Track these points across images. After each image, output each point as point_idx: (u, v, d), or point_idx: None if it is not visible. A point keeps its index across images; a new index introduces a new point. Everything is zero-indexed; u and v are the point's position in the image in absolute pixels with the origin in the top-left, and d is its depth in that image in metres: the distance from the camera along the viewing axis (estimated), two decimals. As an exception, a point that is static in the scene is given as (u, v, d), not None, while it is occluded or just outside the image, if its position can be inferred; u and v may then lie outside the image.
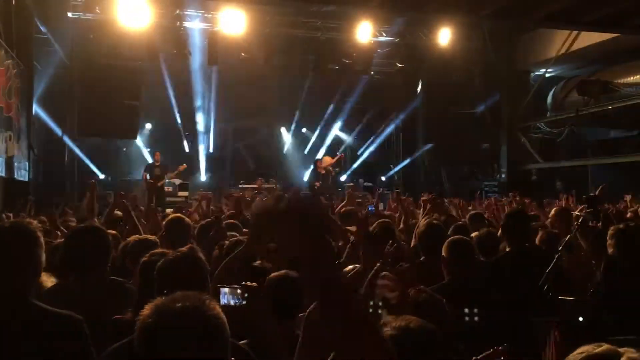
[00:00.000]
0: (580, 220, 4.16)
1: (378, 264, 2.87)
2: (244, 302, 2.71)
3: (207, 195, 8.51)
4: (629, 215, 6.71)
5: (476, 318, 2.84)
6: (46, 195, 14.56)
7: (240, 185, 17.01)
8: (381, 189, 16.95)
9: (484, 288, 3.56)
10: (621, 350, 1.78)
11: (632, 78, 13.27)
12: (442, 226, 4.48)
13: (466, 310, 2.82)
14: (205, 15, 13.54)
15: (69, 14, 13.02)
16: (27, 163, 11.58)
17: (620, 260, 3.81)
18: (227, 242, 4.03)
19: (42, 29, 13.25)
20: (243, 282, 2.83)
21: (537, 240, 4.55)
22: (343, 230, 4.85)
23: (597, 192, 5.38)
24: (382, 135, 20.31)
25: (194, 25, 13.68)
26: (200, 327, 1.43)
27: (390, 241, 3.71)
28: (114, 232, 4.23)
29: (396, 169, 19.56)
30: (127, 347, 1.87)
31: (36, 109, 13.44)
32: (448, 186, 17.62)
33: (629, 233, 3.82)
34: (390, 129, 20.33)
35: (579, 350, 1.76)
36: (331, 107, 19.53)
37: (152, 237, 3.64)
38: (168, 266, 2.46)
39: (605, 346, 1.77)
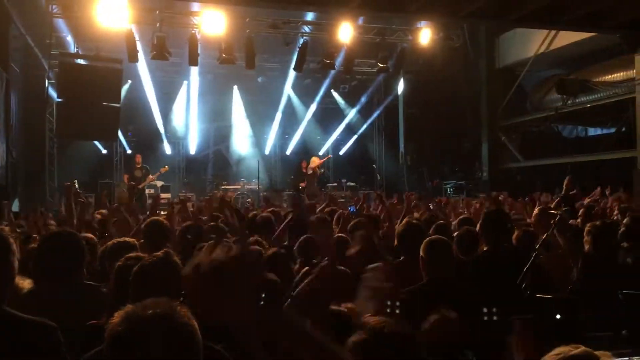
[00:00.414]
0: (557, 219, 4.20)
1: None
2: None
3: (187, 198, 8.45)
4: (615, 213, 6.79)
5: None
6: (26, 198, 14.44)
7: (222, 187, 16.95)
8: (364, 189, 17.08)
9: (462, 288, 3.58)
10: (597, 353, 1.80)
11: (609, 77, 13.44)
12: (422, 226, 4.49)
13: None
14: (185, 16, 13.46)
15: (48, 15, 12.84)
16: (5, 167, 11.40)
17: (596, 257, 3.86)
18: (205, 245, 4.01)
19: (20, 30, 13.09)
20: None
21: (514, 239, 4.59)
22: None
23: (564, 186, 5.45)
24: (364, 135, 20.40)
25: (174, 26, 13.58)
26: (170, 334, 1.41)
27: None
28: (90, 235, 4.19)
29: (378, 168, 19.64)
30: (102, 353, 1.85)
31: (14, 111, 13.26)
32: (430, 185, 17.71)
33: (604, 230, 3.87)
34: (372, 128, 20.42)
35: (556, 351, 1.78)
36: (313, 107, 19.56)
37: (131, 240, 3.60)
38: (143, 271, 2.44)
39: (582, 348, 1.80)
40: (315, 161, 16.22)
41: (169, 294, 1.54)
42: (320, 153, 20.68)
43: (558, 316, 3.68)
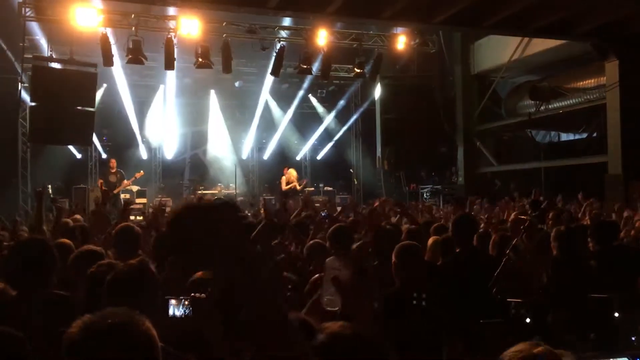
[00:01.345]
0: (526, 224, 4.28)
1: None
2: (191, 314, 2.69)
3: (163, 203, 8.39)
4: (586, 218, 6.93)
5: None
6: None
7: (199, 192, 16.86)
8: (341, 194, 17.13)
9: (433, 292, 3.62)
10: (558, 352, 1.84)
11: (581, 83, 13.70)
12: (395, 231, 4.55)
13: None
14: (161, 20, 13.39)
15: (20, 18, 12.67)
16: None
17: (563, 261, 3.95)
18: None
19: (-9, 33, 12.92)
20: (192, 294, 2.81)
21: (491, 244, 4.66)
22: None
23: (533, 197, 5.56)
24: (342, 140, 20.48)
25: (150, 30, 13.50)
26: (128, 344, 1.42)
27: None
28: (66, 241, 4.14)
29: (355, 173, 19.73)
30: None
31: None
32: (407, 190, 17.84)
33: (569, 234, 3.95)
34: (349, 133, 20.52)
35: (517, 347, 1.82)
36: (290, 111, 19.59)
37: (98, 248, 3.57)
38: (118, 278, 2.43)
39: (543, 347, 1.84)
40: (291, 174, 16.05)
41: (143, 303, 1.55)
42: (298, 158, 20.74)
43: (527, 320, 3.76)
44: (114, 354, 1.40)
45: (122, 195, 14.52)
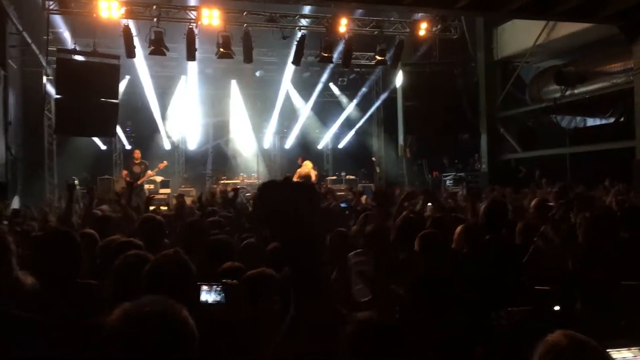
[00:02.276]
0: (554, 211, 4.22)
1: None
2: (223, 300, 2.72)
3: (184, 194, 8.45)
4: (613, 204, 6.79)
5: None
6: (26, 195, 14.47)
7: (221, 181, 16.98)
8: (363, 182, 17.10)
9: (458, 280, 3.60)
10: (582, 337, 1.82)
11: (607, 66, 13.41)
12: (419, 219, 4.52)
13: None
14: (182, 11, 13.44)
15: (44, 12, 12.81)
16: (4, 164, 11.41)
17: (589, 248, 3.88)
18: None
19: (17, 27, 13.07)
20: (223, 280, 2.84)
21: (516, 232, 4.61)
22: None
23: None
24: (363, 128, 20.41)
25: (171, 21, 13.57)
26: (166, 332, 1.45)
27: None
28: (90, 231, 4.20)
29: (377, 161, 19.66)
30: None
31: (12, 108, 13.26)
32: (429, 178, 17.73)
33: (595, 221, 3.88)
34: (371, 121, 20.44)
35: (553, 337, 1.80)
36: (311, 100, 19.57)
37: (127, 238, 3.61)
38: (156, 269, 2.46)
39: (580, 337, 1.81)
40: (308, 169, 15.99)
41: (180, 292, 1.57)
42: (319, 147, 20.73)
43: (556, 308, 3.71)
44: (153, 341, 1.43)
45: (146, 186, 14.68)
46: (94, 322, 1.51)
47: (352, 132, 20.58)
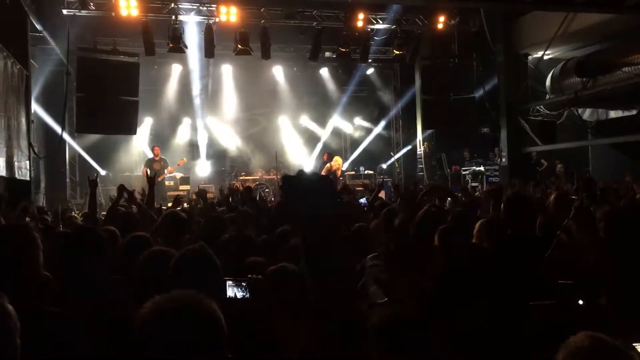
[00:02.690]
0: (577, 204, 4.17)
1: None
2: (249, 295, 2.73)
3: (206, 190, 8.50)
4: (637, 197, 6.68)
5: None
6: (50, 193, 14.69)
7: (240, 177, 17.05)
8: (382, 177, 17.06)
9: (480, 275, 3.57)
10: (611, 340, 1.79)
11: (630, 58, 13.19)
12: (439, 213, 4.49)
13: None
14: (200, 8, 13.51)
15: (64, 11, 12.96)
16: (27, 162, 11.57)
17: (611, 242, 3.83)
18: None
19: (38, 26, 13.23)
20: (249, 275, 2.85)
21: (537, 225, 4.56)
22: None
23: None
24: (382, 123, 20.33)
25: (189, 18, 13.65)
26: (196, 325, 1.46)
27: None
28: (112, 228, 4.25)
29: (396, 156, 19.59)
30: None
31: (35, 107, 13.44)
32: (449, 172, 17.62)
33: (616, 215, 3.83)
34: (389, 116, 20.35)
35: (577, 339, 1.77)
36: (330, 96, 19.54)
37: (143, 234, 3.65)
38: (182, 262, 2.49)
39: (605, 339, 1.79)
40: (338, 165, 16.26)
41: (207, 286, 1.58)
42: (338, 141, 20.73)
43: (580, 302, 3.67)
44: (183, 334, 1.44)
45: (166, 183, 14.81)
46: (122, 316, 1.53)
47: (371, 126, 20.51)
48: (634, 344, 2.10)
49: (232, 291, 2.83)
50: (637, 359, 1.74)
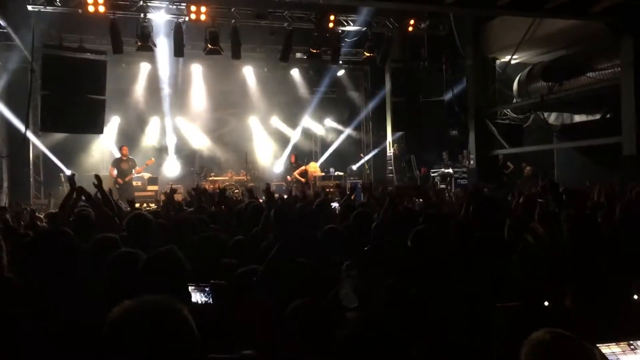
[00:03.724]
0: (541, 206, 4.24)
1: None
2: (211, 301, 2.70)
3: (174, 190, 8.39)
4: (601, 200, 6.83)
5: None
6: (12, 193, 14.34)
7: (210, 178, 16.92)
8: (352, 179, 17.12)
9: (451, 277, 3.60)
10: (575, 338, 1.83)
11: (594, 63, 13.50)
12: (411, 215, 4.52)
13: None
14: (170, 6, 13.35)
15: (29, 7, 12.65)
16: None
17: (576, 243, 3.90)
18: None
19: (1, 22, 12.92)
20: (212, 281, 2.82)
21: (505, 227, 4.62)
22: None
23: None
24: (352, 125, 20.41)
25: (158, 16, 13.47)
26: (167, 330, 1.45)
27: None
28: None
29: (366, 157, 19.69)
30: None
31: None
32: (418, 174, 17.77)
33: (580, 217, 3.91)
34: (359, 118, 20.43)
35: (537, 335, 1.82)
36: (300, 97, 19.52)
37: (113, 235, 3.58)
38: (150, 265, 2.44)
39: (563, 334, 1.83)
40: (314, 170, 16.29)
41: (175, 289, 1.56)
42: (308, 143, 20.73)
43: (546, 303, 3.73)
44: (153, 339, 1.43)
45: (134, 183, 14.60)
46: (91, 319, 1.50)
47: (341, 128, 20.56)
48: (597, 345, 2.15)
49: (195, 297, 2.79)
50: (598, 356, 1.78)
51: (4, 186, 14.10)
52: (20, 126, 13.55)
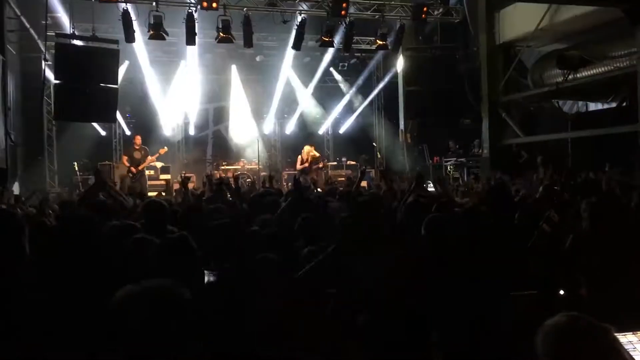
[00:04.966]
0: (560, 196, 4.20)
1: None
2: (224, 285, 2.71)
3: (188, 178, 8.42)
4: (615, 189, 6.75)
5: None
6: (27, 181, 14.46)
7: (222, 167, 16.96)
8: (364, 167, 17.08)
9: (464, 263, 3.57)
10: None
11: (610, 51, 13.32)
12: (426, 204, 4.49)
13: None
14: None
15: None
16: (4, 150, 11.37)
17: (593, 233, 3.86)
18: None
19: (15, 11, 12.97)
20: (225, 265, 2.82)
21: (521, 216, 4.58)
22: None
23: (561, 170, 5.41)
24: (364, 113, 20.33)
25: (170, 5, 13.46)
26: (169, 312, 1.51)
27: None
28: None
29: (378, 146, 19.63)
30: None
31: (11, 94, 13.19)
32: (430, 163, 17.70)
33: (600, 206, 3.86)
34: (371, 106, 20.35)
35: (556, 319, 1.80)
36: (312, 85, 19.46)
37: (133, 222, 3.60)
38: (162, 251, 2.46)
39: (583, 318, 1.81)
40: (309, 151, 16.01)
41: (185, 276, 1.58)
42: (320, 132, 20.68)
43: (561, 292, 3.70)
44: (156, 321, 1.49)
45: (146, 172, 14.67)
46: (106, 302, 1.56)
47: (353, 117, 20.49)
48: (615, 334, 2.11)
49: (208, 281, 2.81)
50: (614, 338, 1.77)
51: (18, 175, 14.22)
52: (35, 114, 13.64)
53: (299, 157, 15.85)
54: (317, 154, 16.11)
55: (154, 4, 12.95)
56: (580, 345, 1.72)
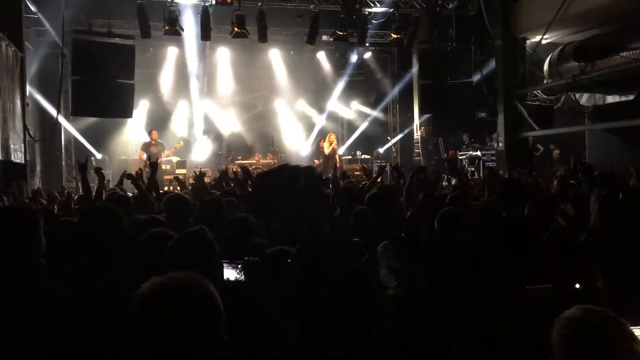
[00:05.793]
0: (575, 189, 4.18)
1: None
2: (244, 278, 2.73)
3: (203, 173, 8.47)
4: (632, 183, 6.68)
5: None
6: (45, 176, 14.64)
7: (237, 161, 17.02)
8: (379, 162, 17.06)
9: (479, 258, 3.59)
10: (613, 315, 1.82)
11: (628, 42, 13.14)
12: (439, 198, 4.50)
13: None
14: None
15: (59, -7, 12.81)
16: (22, 145, 11.51)
17: (602, 226, 3.84)
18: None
19: (33, 8, 13.09)
20: (245, 257, 2.86)
21: (536, 209, 4.56)
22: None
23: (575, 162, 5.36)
24: (379, 107, 20.28)
25: (186, 1, 13.52)
26: (193, 305, 1.49)
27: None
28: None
29: (393, 140, 19.58)
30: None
31: (29, 90, 13.34)
32: (445, 157, 17.62)
33: (610, 200, 3.84)
34: (386, 100, 20.29)
35: (571, 312, 1.81)
36: (327, 79, 19.45)
37: (159, 216, 3.65)
38: (179, 245, 2.49)
39: (597, 310, 1.83)
40: (332, 142, 16.25)
41: (204, 269, 1.59)
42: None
43: (577, 285, 3.69)
44: (179, 314, 1.46)
45: (163, 167, 14.78)
46: (125, 296, 1.55)
47: (368, 111, 20.45)
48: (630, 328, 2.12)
49: (228, 273, 2.83)
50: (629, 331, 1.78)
51: (37, 170, 14.39)
52: (52, 111, 13.77)
53: (322, 142, 16.05)
54: (336, 147, 16.38)
55: (169, -1, 13.02)
56: (595, 339, 1.73)
